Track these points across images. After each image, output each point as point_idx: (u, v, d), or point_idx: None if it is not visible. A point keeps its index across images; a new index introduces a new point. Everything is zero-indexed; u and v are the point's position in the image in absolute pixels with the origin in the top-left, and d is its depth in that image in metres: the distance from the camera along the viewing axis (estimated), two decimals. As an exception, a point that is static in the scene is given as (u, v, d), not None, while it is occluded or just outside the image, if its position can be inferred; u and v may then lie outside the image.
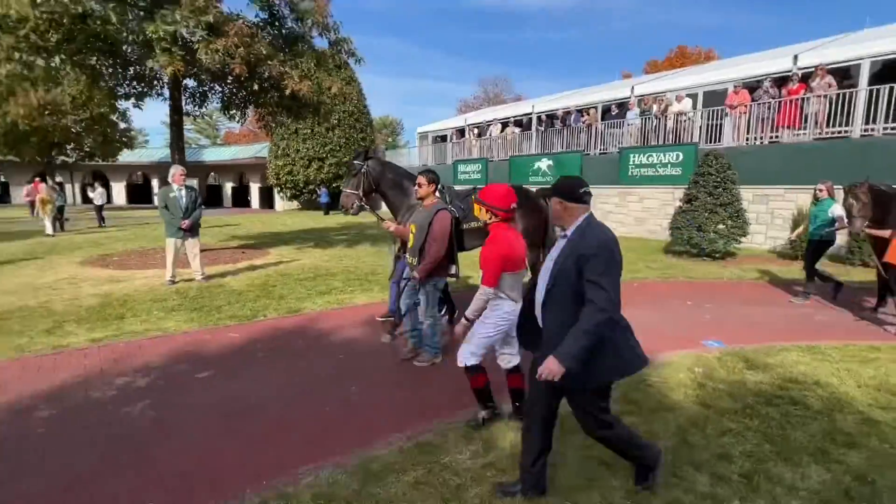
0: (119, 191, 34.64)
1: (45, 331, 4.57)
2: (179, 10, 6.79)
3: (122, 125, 24.29)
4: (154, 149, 35.13)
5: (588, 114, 15.41)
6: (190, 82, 9.18)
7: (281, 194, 26.22)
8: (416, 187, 3.63)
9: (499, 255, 2.51)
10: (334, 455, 2.45)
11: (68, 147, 22.38)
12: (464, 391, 2.82)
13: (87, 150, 22.58)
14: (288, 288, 6.48)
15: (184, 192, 6.47)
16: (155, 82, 9.26)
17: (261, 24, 8.75)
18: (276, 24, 9.00)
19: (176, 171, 6.52)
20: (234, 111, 10.08)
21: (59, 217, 14.32)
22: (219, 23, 7.18)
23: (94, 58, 7.83)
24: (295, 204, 26.30)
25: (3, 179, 32.14)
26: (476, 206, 2.63)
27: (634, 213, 12.90)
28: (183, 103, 9.23)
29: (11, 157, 24.61)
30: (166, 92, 9.14)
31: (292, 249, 10.25)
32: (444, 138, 23.87)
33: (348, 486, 2.20)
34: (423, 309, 3.59)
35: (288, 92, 7.99)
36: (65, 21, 6.69)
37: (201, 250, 6.92)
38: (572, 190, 1.96)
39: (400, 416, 2.94)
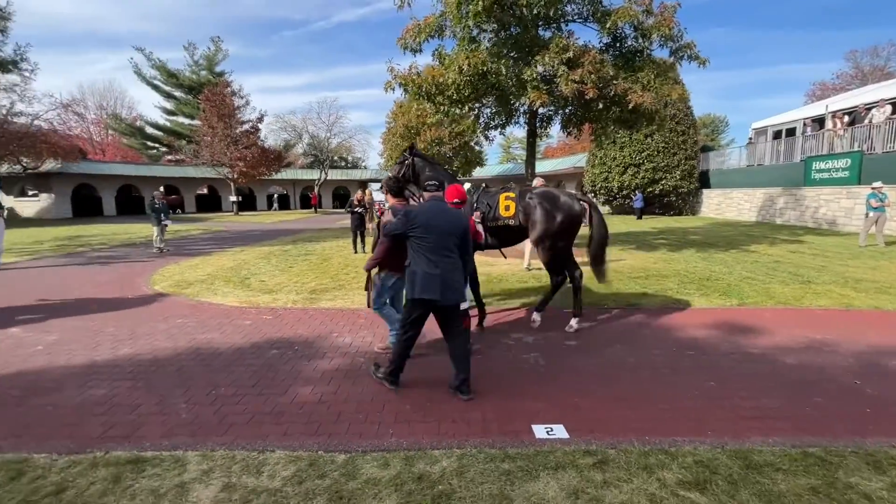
0: (467, 199, 44.50)
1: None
2: (548, 53, 8.53)
3: (477, 148, 31.33)
4: (490, 166, 43.08)
5: None
6: (541, 109, 11.23)
7: (594, 199, 27.51)
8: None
9: None
10: (709, 436, 2.81)
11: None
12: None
13: (455, 169, 30.41)
14: (622, 284, 7.17)
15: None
16: (515, 113, 11.81)
17: (603, 47, 9.80)
18: (618, 44, 9.85)
19: (538, 181, 8.27)
20: (572, 128, 11.60)
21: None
22: (576, 55, 8.58)
23: (481, 102, 10.78)
24: (607, 209, 27.02)
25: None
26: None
27: None
28: (536, 127, 11.37)
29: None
30: (522, 119, 11.51)
31: (616, 250, 10.93)
32: (790, 132, 19.38)
33: (728, 467, 2.49)
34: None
35: (630, 106, 8.66)
36: (474, 80, 9.53)
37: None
38: None
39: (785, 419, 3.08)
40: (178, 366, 4.09)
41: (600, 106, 9.37)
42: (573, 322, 4.95)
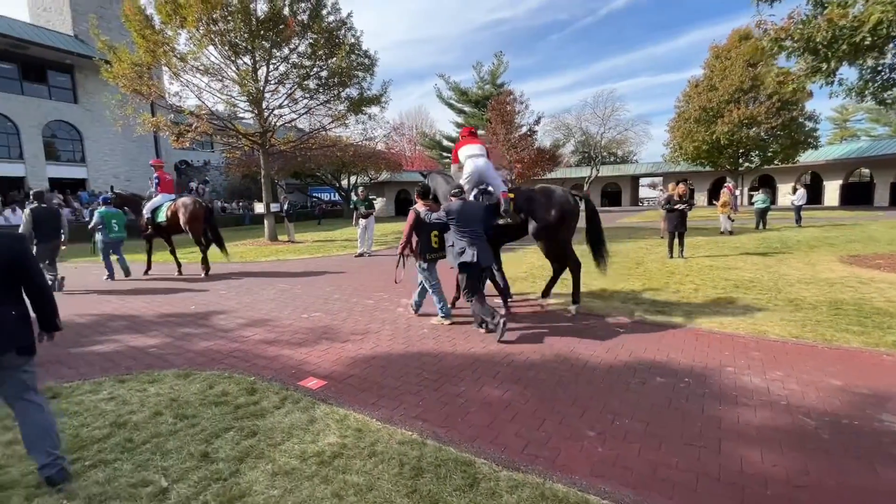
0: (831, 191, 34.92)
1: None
2: None
3: (809, 125, 23.81)
4: (827, 147, 32.34)
5: None
6: None
7: None
8: None
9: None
10: None
11: (753, 154, 24.69)
12: None
13: (769, 154, 23.94)
14: None
15: None
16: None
17: None
18: None
19: None
20: None
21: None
22: None
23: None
24: None
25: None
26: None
27: None
28: None
29: (697, 168, 30.43)
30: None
31: None
32: None
33: None
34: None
35: None
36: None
37: None
38: None
39: None
40: (555, 376, 3.77)
41: None
42: (571, 307, 5.44)
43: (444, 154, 53.25)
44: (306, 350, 4.56)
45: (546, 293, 6.07)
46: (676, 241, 9.39)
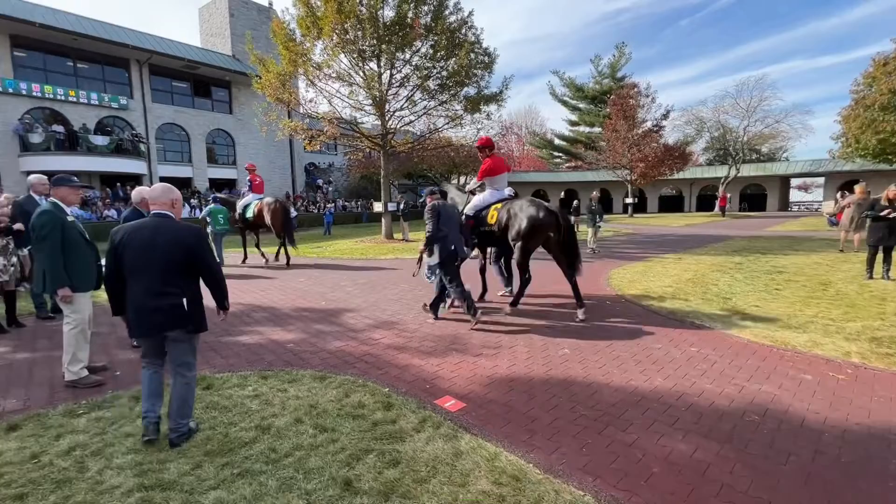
0: None
1: None
2: None
3: None
4: None
5: None
6: None
7: None
8: None
9: None
10: None
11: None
12: None
13: None
14: None
15: None
16: None
17: None
18: None
19: None
20: None
21: None
22: None
23: None
24: None
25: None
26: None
27: None
28: None
29: (879, 166, 24.78)
30: None
31: None
32: None
33: None
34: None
35: None
36: None
37: None
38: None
39: None
40: (763, 435, 2.86)
41: None
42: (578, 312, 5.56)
43: (555, 154, 51.37)
44: (437, 361, 4.23)
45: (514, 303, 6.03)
46: (881, 255, 7.34)
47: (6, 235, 5.36)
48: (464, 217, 6.10)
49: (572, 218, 19.59)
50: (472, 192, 6.63)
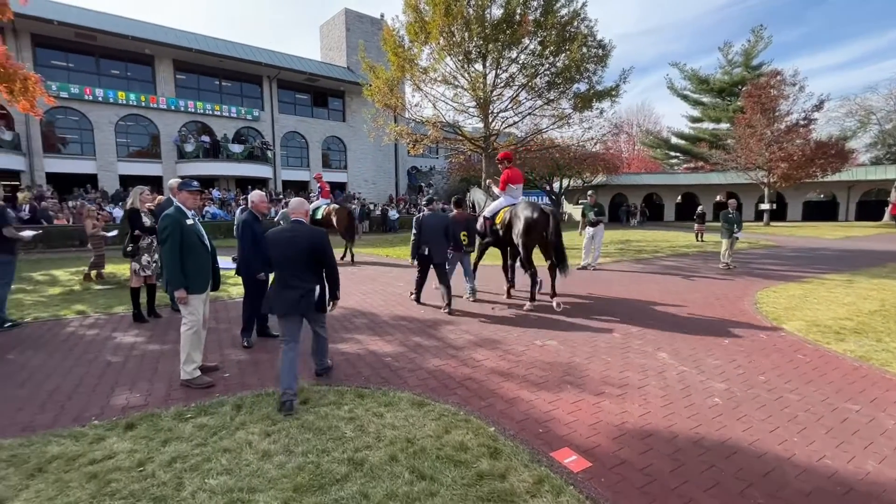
0: None
1: None
2: None
3: None
4: None
5: None
6: None
7: None
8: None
9: None
10: None
11: None
12: None
13: None
14: None
15: None
16: None
17: None
18: None
19: None
20: None
21: None
22: None
23: None
24: None
25: None
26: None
27: None
28: None
29: None
30: None
31: None
32: None
33: None
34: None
35: None
36: None
37: None
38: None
39: None
40: None
41: None
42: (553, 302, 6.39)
43: (671, 154, 46.70)
44: (550, 396, 3.60)
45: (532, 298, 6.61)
46: None
47: (150, 234, 5.92)
48: (482, 218, 7.27)
49: (695, 226, 17.16)
50: (494, 197, 7.48)
